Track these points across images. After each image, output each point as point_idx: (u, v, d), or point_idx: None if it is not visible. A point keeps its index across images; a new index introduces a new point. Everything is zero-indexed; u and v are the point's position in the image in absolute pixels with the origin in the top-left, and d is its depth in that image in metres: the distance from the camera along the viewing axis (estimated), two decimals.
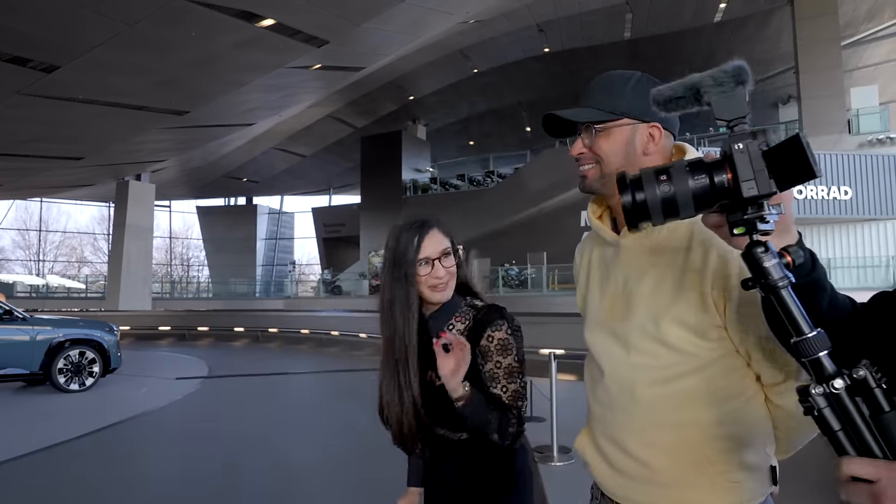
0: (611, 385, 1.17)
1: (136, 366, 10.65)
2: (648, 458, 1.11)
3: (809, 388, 0.67)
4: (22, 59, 11.02)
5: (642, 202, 0.76)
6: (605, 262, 1.24)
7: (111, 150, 18.25)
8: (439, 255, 1.47)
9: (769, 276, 0.72)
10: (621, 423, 1.15)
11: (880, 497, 0.60)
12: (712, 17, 19.92)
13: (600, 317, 1.21)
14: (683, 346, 1.07)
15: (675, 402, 1.09)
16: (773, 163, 0.72)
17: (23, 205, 34.66)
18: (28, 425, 6.44)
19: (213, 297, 29.98)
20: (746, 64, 0.75)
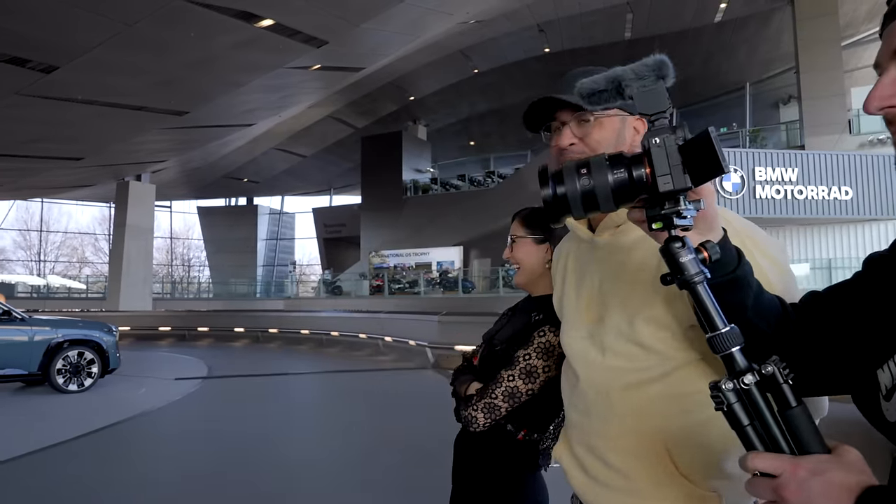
0: (587, 390, 1.13)
1: (136, 366, 10.65)
2: (625, 466, 1.06)
3: (720, 384, 0.67)
4: (21, 59, 11.02)
5: (562, 195, 0.76)
6: (581, 263, 1.20)
7: (111, 150, 18.26)
8: (511, 237, 1.66)
9: (685, 272, 0.72)
10: (598, 430, 1.11)
11: (781, 491, 0.60)
12: (713, 18, 19.90)
13: (576, 319, 1.18)
14: (658, 347, 1.04)
15: (651, 407, 1.05)
16: (687, 158, 0.72)
17: (24, 205, 34.70)
18: (26, 426, 6.44)
19: (214, 297, 29.98)
20: (667, 58, 0.75)
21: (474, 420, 1.50)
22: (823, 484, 0.59)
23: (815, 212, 15.94)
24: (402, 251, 25.34)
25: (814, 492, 0.59)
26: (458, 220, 24.76)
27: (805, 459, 0.62)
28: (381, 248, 26.44)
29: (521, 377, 1.47)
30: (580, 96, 0.79)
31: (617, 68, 0.77)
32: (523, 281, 1.65)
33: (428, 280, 23.23)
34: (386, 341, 13.05)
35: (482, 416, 1.49)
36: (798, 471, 0.60)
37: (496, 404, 1.48)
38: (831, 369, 0.81)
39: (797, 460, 0.62)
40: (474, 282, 22.47)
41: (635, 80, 0.75)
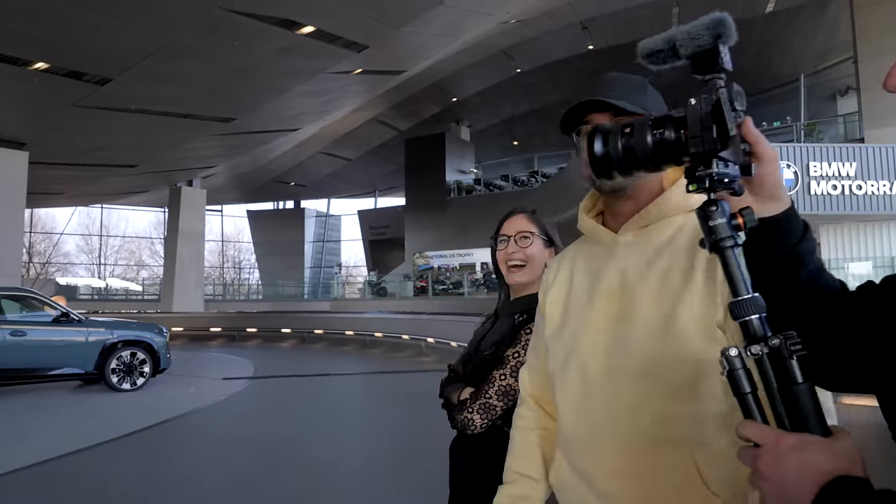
0: (601, 392, 1.05)
1: (186, 366, 10.98)
2: (653, 479, 0.98)
3: (727, 350, 0.68)
4: (78, 72, 11.53)
5: (607, 153, 0.79)
6: (595, 263, 1.15)
7: (162, 157, 18.92)
8: (515, 233, 1.61)
9: (714, 235, 0.73)
10: (621, 440, 1.02)
11: (758, 460, 0.62)
12: (764, 8, 19.22)
13: (588, 316, 1.10)
14: (689, 345, 0.98)
15: (676, 411, 0.98)
16: (719, 121, 0.72)
17: (85, 211, 36.29)
18: (83, 422, 6.73)
19: (263, 298, 30.70)
20: (726, 17, 0.74)
21: (471, 423, 1.49)
22: (798, 462, 0.59)
23: (875, 208, 15.20)
24: (446, 252, 25.39)
25: (787, 467, 0.59)
26: None
27: (789, 435, 0.62)
28: (425, 250, 26.56)
29: (514, 375, 1.47)
30: (641, 56, 0.80)
31: (674, 28, 0.78)
32: (527, 280, 1.60)
33: (472, 281, 23.20)
34: (428, 342, 13.09)
35: (478, 418, 1.49)
36: (779, 443, 0.61)
37: (491, 404, 1.48)
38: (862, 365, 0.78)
39: (781, 434, 0.62)
40: None
41: (688, 40, 0.75)
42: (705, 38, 0.74)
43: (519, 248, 1.60)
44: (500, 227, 1.64)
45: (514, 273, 1.60)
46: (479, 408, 1.49)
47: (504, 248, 1.61)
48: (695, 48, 0.75)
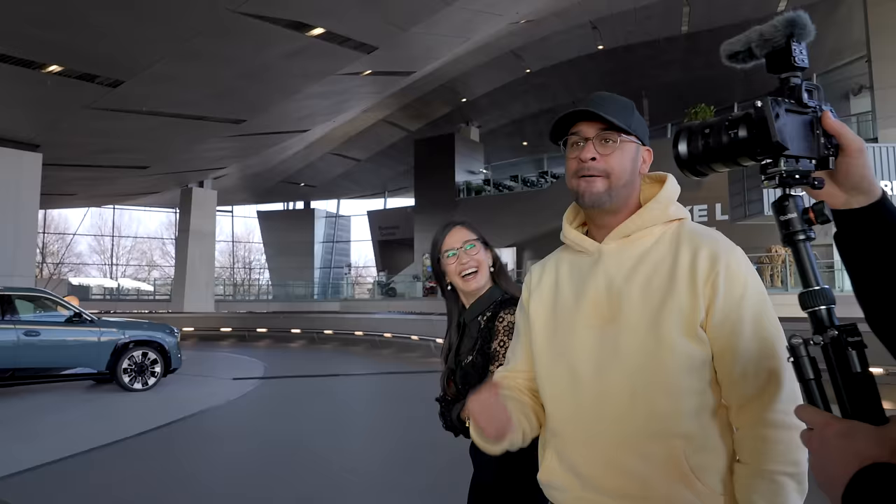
0: (593, 392, 1.11)
1: (197, 366, 11.05)
2: (641, 471, 1.05)
3: (791, 338, 0.73)
4: (90, 75, 11.65)
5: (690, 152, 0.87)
6: (580, 271, 1.21)
7: (174, 158, 19.07)
8: (461, 244, 1.70)
9: (787, 229, 0.78)
10: (613, 435, 1.08)
11: (809, 442, 0.67)
12: (776, 7, 19.08)
13: (576, 322, 1.16)
14: (675, 344, 1.06)
15: (666, 406, 1.06)
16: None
17: (97, 212, 36.63)
18: (95, 422, 6.80)
19: (273, 299, 30.83)
20: (802, 16, 0.77)
21: None
22: (842, 446, 0.63)
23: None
24: None
25: (830, 450, 0.64)
26: (511, 221, 24.63)
27: (839, 421, 0.66)
28: None
29: None
30: (723, 57, 0.85)
31: (750, 31, 0.82)
32: (483, 283, 1.70)
33: None
34: (438, 343, 13.09)
35: None
36: (827, 428, 0.65)
37: None
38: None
39: (831, 419, 0.66)
40: None
41: (762, 41, 0.79)
42: (778, 39, 0.77)
43: (470, 256, 1.69)
44: (441, 243, 1.72)
45: (470, 280, 1.68)
46: None
47: (456, 261, 1.68)
48: (769, 48, 0.78)
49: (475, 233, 1.74)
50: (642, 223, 1.15)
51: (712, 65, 23.03)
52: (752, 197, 15.46)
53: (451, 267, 1.68)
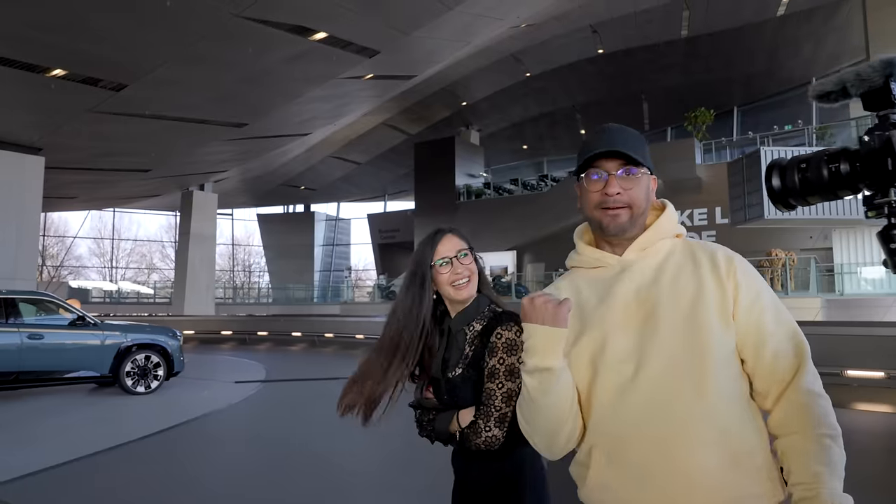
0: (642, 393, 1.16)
1: (199, 369, 11.06)
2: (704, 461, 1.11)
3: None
4: (93, 79, 11.68)
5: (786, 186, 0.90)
6: (604, 285, 1.28)
7: (176, 162, 19.10)
8: (455, 253, 1.65)
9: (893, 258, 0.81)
10: (669, 428, 1.13)
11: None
12: (775, 11, 19.17)
13: (612, 329, 1.21)
14: (712, 334, 1.15)
15: (714, 393, 1.13)
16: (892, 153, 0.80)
17: (97, 215, 36.63)
18: (98, 425, 6.81)
19: (273, 302, 30.83)
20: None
21: (494, 439, 1.51)
22: None
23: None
24: None
25: None
26: (511, 224, 24.67)
27: None
28: None
29: (509, 379, 1.52)
30: (813, 97, 0.91)
31: (845, 71, 0.85)
32: (472, 293, 1.67)
33: None
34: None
35: (499, 432, 1.51)
36: None
37: (504, 413, 1.51)
38: None
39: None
40: (528, 286, 22.31)
41: (859, 81, 0.83)
42: (876, 79, 0.81)
43: (464, 266, 1.65)
44: (434, 250, 1.65)
45: (462, 289, 1.64)
46: (496, 422, 1.51)
47: (449, 270, 1.63)
48: (866, 88, 0.82)
49: (465, 241, 1.70)
50: (656, 236, 1.28)
51: (711, 69, 23.14)
52: (752, 201, 15.49)
53: (444, 276, 1.63)
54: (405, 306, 1.65)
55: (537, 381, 1.19)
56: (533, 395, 1.20)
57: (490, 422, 1.51)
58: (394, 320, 1.67)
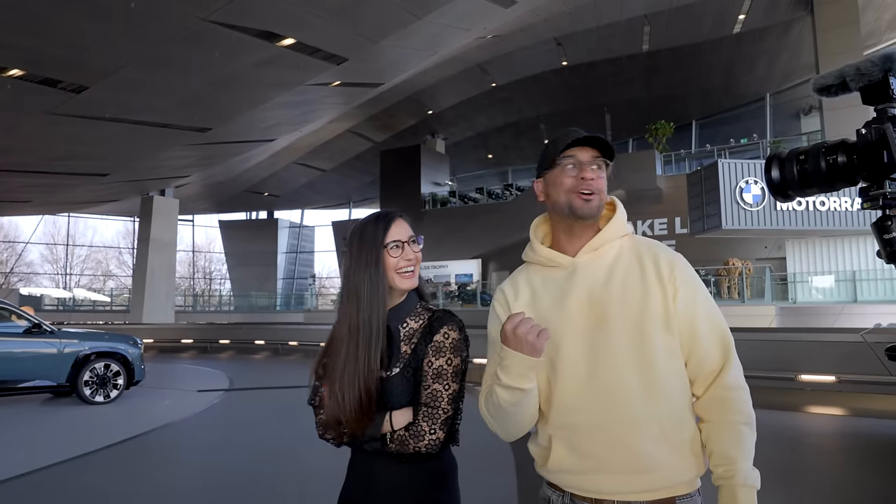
0: (598, 389, 1.27)
1: (160, 378, 10.82)
2: (644, 448, 1.24)
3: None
4: (52, 80, 11.38)
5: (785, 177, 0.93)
6: (557, 285, 1.37)
7: (136, 166, 18.68)
8: (408, 238, 1.54)
9: (891, 247, 0.82)
10: (621, 421, 1.25)
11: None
12: (731, 29, 19.85)
13: (567, 330, 1.31)
14: (658, 337, 1.27)
15: (658, 391, 1.26)
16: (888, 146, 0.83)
17: (51, 220, 35.47)
18: (54, 436, 6.58)
19: (235, 310, 30.32)
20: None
21: (438, 441, 1.44)
22: None
23: (838, 223, 15.75)
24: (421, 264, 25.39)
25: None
26: (476, 232, 24.83)
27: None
28: None
29: (455, 381, 1.47)
30: (814, 90, 0.94)
31: (845, 65, 0.89)
32: (416, 283, 1.58)
33: (446, 293, 23.29)
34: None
35: (442, 434, 1.45)
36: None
37: (450, 415, 1.46)
38: None
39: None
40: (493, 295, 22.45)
41: (858, 75, 0.86)
42: (875, 73, 0.84)
43: (414, 253, 1.55)
44: (386, 233, 1.51)
45: (409, 278, 1.53)
46: (442, 425, 1.44)
47: (400, 255, 1.51)
48: (865, 82, 0.85)
49: (412, 228, 1.59)
50: (608, 237, 1.38)
51: (671, 83, 23.79)
52: (710, 211, 15.98)
53: (393, 261, 1.50)
54: (368, 288, 1.48)
55: (509, 394, 1.27)
56: (503, 405, 1.30)
57: (436, 424, 1.43)
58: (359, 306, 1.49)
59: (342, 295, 1.56)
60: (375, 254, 1.49)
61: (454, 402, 1.46)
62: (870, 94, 0.85)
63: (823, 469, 4.85)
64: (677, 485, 1.27)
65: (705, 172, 16.31)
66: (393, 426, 1.45)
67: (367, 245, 1.51)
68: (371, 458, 1.53)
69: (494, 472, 4.88)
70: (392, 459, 1.48)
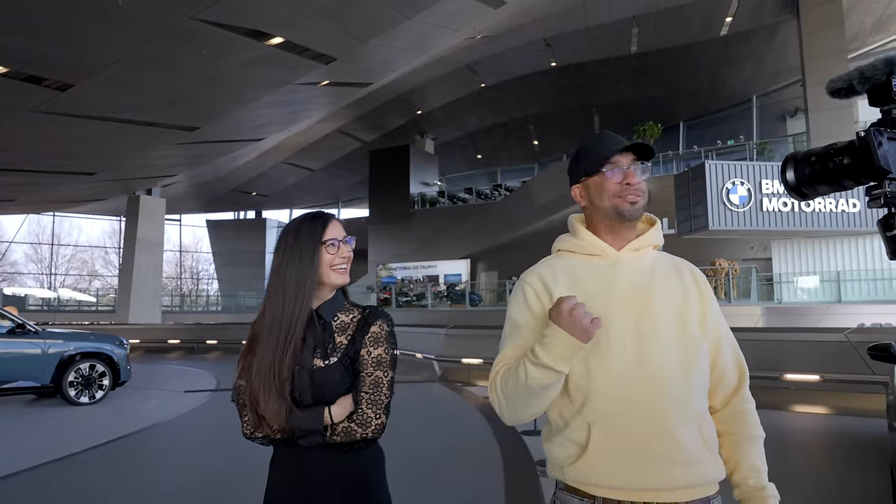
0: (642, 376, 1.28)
1: (146, 379, 10.74)
2: (688, 439, 1.26)
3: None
4: (37, 77, 11.25)
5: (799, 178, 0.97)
6: (601, 273, 1.39)
7: (123, 165, 18.52)
8: (342, 236, 1.60)
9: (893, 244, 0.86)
10: (665, 409, 1.27)
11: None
12: (718, 31, 20.01)
13: (612, 314, 1.30)
14: (694, 335, 1.32)
15: (695, 386, 1.31)
16: None
17: (35, 219, 35.09)
18: (38, 437, 6.52)
19: (222, 310, 30.12)
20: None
21: (383, 425, 1.53)
22: None
23: (822, 224, 15.91)
24: (410, 264, 25.42)
25: None
26: (465, 232, 24.84)
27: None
28: (389, 262, 26.53)
29: (393, 368, 1.57)
30: (828, 92, 0.98)
31: (851, 70, 0.91)
32: (348, 280, 1.63)
33: (435, 293, 23.29)
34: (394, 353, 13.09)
35: (385, 418, 1.53)
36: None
37: (390, 400, 1.55)
38: None
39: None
40: (481, 295, 22.49)
41: (862, 79, 0.88)
42: (879, 76, 0.87)
43: (348, 252, 1.62)
44: (325, 230, 1.57)
45: (343, 275, 1.60)
46: (385, 410, 1.53)
47: (336, 252, 1.58)
48: (870, 85, 0.87)
49: None
50: (648, 242, 1.43)
51: (659, 84, 23.94)
52: (697, 212, 16.09)
53: (329, 257, 1.56)
54: (297, 283, 1.53)
55: (542, 375, 1.23)
56: (530, 384, 1.25)
57: (381, 409, 1.51)
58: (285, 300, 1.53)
59: (269, 289, 1.58)
60: (312, 250, 1.55)
61: (392, 388, 1.55)
62: (875, 95, 0.87)
63: (808, 468, 4.91)
64: (711, 483, 1.29)
65: (692, 173, 16.42)
66: (333, 419, 1.49)
67: (305, 241, 1.56)
68: (300, 453, 1.54)
69: (480, 468, 4.90)
70: (326, 452, 1.51)
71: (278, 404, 1.49)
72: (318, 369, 1.53)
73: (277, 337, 1.52)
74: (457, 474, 4.86)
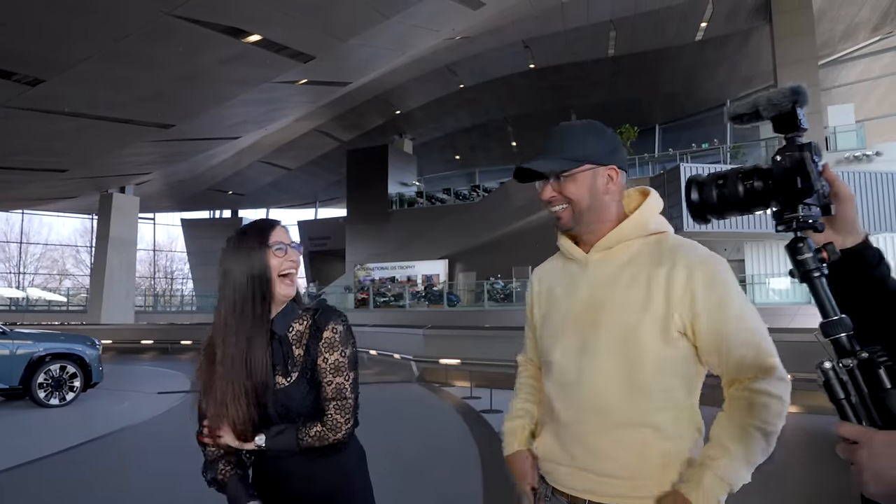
0: (582, 389, 1.28)
1: (118, 380, 10.56)
2: (618, 453, 1.24)
3: (822, 363, 0.79)
4: (6, 72, 10.98)
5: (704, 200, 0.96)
6: (571, 278, 1.36)
7: (96, 162, 18.16)
8: (289, 241, 1.54)
9: (803, 267, 0.86)
10: (595, 424, 1.26)
11: (855, 454, 0.73)
12: (694, 36, 20.32)
13: (566, 326, 1.33)
14: (650, 346, 1.22)
15: (636, 402, 1.23)
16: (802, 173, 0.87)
17: (3, 216, 34.28)
18: (6, 441, 6.37)
19: (197, 310, 29.71)
20: (802, 87, 0.89)
21: (351, 428, 1.54)
22: (892, 453, 0.70)
23: None
24: (388, 264, 25.36)
25: (882, 459, 0.70)
26: (443, 233, 24.86)
27: (881, 432, 0.72)
28: (367, 262, 26.44)
29: (353, 369, 1.53)
30: (729, 118, 0.97)
31: (757, 96, 0.92)
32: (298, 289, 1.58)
33: (413, 293, 23.25)
34: (371, 354, 13.04)
35: (354, 420, 1.54)
36: (873, 440, 0.72)
37: (356, 401, 1.54)
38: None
39: (873, 432, 0.73)
40: (459, 295, 22.53)
41: (770, 105, 0.89)
42: (785, 104, 0.88)
43: (296, 256, 1.55)
44: (271, 234, 1.50)
45: (290, 286, 1.52)
46: (352, 412, 1.52)
47: (284, 256, 1.50)
48: (776, 112, 0.89)
49: None
50: (620, 237, 1.30)
51: (636, 87, 24.22)
52: (672, 214, 16.29)
53: (276, 262, 1.48)
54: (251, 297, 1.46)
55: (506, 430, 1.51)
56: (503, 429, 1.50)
57: (349, 413, 1.50)
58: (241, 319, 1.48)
59: (220, 303, 1.51)
60: (260, 255, 1.48)
61: (356, 389, 1.54)
62: (780, 122, 0.89)
63: (780, 466, 5.00)
64: (643, 497, 1.22)
65: (668, 176, 16.64)
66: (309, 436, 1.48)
67: (251, 245, 1.49)
68: (278, 459, 1.55)
69: (459, 467, 4.91)
70: (301, 456, 1.51)
71: (245, 427, 1.48)
72: (280, 389, 1.49)
73: (234, 356, 1.47)
74: (435, 474, 4.87)
